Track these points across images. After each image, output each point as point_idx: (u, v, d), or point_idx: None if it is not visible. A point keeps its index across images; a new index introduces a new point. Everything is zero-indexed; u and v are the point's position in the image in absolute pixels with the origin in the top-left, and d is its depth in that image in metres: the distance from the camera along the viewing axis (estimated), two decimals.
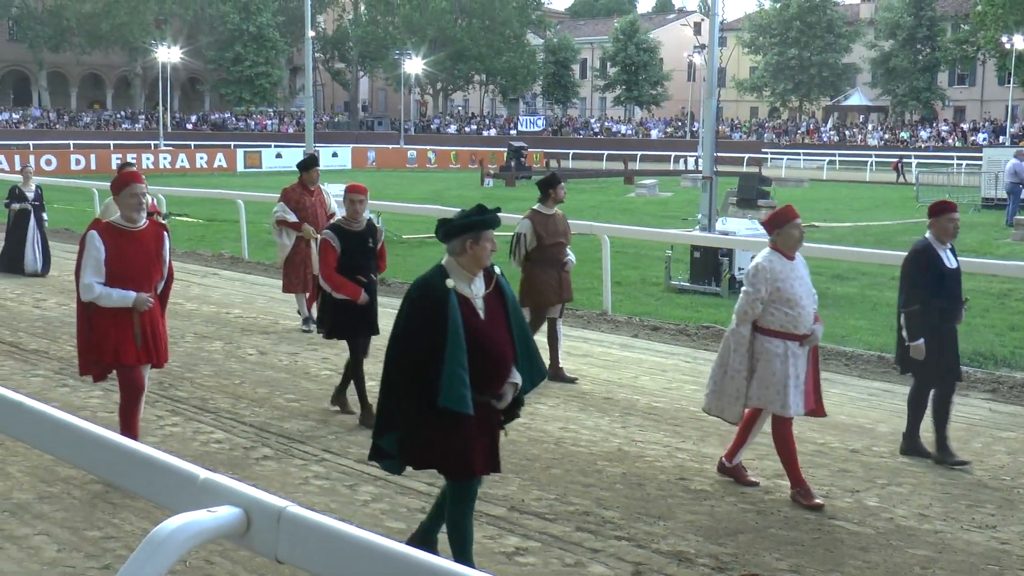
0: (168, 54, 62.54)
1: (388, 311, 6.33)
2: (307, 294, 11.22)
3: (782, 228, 6.40)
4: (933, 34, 69.52)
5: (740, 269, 14.41)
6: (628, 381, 9.34)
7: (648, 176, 43.34)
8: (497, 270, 4.82)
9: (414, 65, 72.42)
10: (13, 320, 11.79)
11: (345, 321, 7.71)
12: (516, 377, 4.78)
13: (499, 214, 4.75)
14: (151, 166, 46.48)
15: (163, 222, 6.67)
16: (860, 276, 15.67)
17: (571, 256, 9.21)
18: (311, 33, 22.14)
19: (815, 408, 6.51)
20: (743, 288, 6.48)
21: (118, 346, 6.17)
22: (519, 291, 8.61)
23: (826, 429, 7.78)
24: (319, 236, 10.84)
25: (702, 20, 78.61)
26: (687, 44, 79.29)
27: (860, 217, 27.12)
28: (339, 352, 10.23)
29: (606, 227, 14.23)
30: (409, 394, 4.58)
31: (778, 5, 75.20)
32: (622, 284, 14.74)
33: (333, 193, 19.36)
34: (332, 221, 8.12)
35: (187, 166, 48.92)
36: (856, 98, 74.90)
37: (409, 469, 4.95)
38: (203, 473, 2.50)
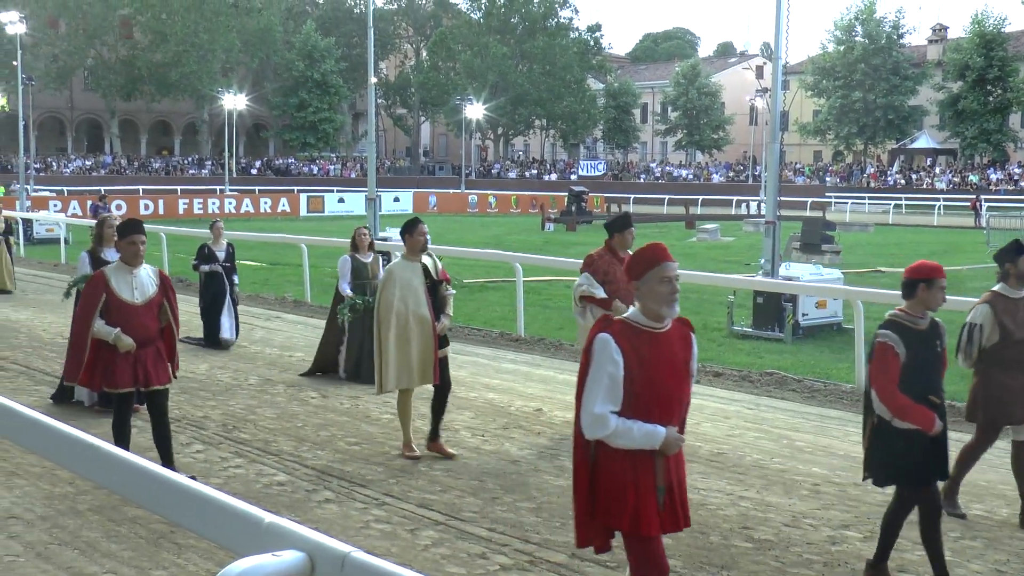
0: (234, 101, 64.11)
1: None
2: None
3: None
4: (1005, 75, 68.14)
5: (804, 315, 14.23)
6: (690, 427, 9.14)
7: (710, 220, 43.18)
8: None
9: (475, 110, 73.25)
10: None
11: (915, 460, 5.41)
12: None
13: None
14: (217, 211, 47.48)
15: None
16: None
17: None
18: (373, 79, 22.48)
19: None
20: None
21: (638, 508, 4.08)
22: (968, 399, 6.91)
23: None
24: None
25: (764, 63, 78.62)
26: (749, 88, 79.14)
27: None
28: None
29: None
30: None
31: (842, 48, 74.71)
32: None
33: (393, 239, 19.48)
34: (889, 315, 5.53)
35: (252, 211, 49.96)
36: (923, 141, 73.92)
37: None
38: (268, 517, 2.51)
